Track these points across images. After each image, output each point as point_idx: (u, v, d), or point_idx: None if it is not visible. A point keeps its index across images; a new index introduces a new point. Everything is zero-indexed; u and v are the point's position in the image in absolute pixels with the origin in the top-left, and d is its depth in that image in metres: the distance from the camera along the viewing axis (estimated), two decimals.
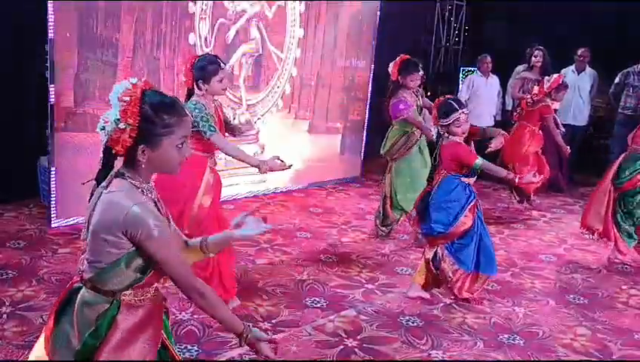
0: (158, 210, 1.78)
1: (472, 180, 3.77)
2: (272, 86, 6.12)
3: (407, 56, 4.79)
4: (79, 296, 1.75)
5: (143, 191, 1.74)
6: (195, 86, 3.31)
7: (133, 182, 1.73)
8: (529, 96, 5.95)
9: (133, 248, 1.69)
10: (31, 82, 4.86)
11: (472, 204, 3.70)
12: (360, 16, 6.71)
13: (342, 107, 6.82)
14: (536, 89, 5.91)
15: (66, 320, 1.76)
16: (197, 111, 3.21)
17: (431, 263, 3.79)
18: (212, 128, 3.24)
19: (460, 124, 3.61)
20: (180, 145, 1.75)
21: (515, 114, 6.21)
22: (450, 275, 3.77)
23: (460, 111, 3.59)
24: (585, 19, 7.34)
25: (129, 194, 1.69)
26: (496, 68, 7.34)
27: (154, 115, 1.70)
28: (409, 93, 4.76)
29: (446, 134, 3.70)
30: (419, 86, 4.86)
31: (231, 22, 5.55)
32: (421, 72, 4.81)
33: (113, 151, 1.72)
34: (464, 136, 3.69)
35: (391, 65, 4.79)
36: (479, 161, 3.62)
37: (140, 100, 1.68)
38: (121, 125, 1.67)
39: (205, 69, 3.27)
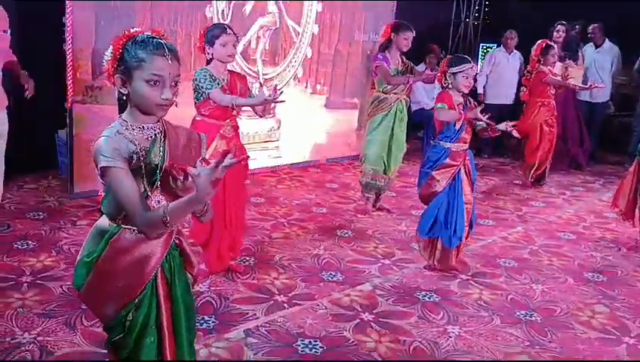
0: (161, 148, 1.81)
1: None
2: (289, 60, 6.07)
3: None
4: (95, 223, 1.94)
5: (131, 127, 1.77)
6: (205, 53, 3.37)
7: (124, 121, 1.78)
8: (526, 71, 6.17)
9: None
10: (49, 56, 4.86)
11: None
12: None
13: (359, 82, 6.74)
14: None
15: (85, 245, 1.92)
16: (200, 75, 3.31)
17: None
18: (210, 85, 3.29)
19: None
20: (153, 83, 1.71)
21: (522, 93, 6.32)
22: None
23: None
24: None
25: (107, 129, 1.76)
26: (516, 45, 7.21)
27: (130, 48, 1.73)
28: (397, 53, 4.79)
29: None
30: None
31: None
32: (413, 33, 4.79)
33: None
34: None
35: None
36: None
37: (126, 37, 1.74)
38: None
39: (211, 32, 3.35)
